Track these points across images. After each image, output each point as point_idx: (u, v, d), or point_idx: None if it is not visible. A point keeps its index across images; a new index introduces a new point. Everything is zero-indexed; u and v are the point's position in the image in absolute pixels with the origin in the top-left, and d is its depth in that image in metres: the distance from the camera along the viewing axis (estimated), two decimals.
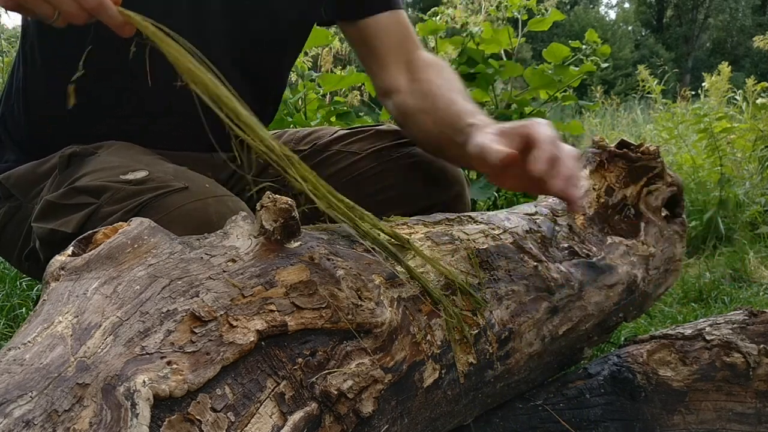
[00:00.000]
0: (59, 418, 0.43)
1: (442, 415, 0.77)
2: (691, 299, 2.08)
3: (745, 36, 24.55)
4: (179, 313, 0.53)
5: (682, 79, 18.41)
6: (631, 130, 6.42)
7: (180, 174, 0.90)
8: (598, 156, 1.22)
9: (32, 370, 0.45)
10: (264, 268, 0.61)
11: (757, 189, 3.11)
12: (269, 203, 0.62)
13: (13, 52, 3.15)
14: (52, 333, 0.49)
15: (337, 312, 0.63)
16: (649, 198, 1.22)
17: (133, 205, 0.83)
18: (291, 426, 0.55)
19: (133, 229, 0.60)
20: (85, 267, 0.56)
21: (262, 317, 0.57)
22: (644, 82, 4.78)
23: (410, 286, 0.75)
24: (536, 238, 0.99)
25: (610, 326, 1.10)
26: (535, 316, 0.91)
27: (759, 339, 1.04)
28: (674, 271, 1.26)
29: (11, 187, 1.00)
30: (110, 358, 0.48)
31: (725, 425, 1.01)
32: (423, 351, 0.72)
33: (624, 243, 1.13)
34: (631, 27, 31.22)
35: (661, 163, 1.22)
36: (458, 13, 2.88)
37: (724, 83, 4.67)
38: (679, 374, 1.02)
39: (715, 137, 3.06)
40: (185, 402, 0.49)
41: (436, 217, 0.92)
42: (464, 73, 2.38)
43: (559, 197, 0.81)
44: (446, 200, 1.12)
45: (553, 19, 2.51)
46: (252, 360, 0.55)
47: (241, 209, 0.79)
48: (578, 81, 2.48)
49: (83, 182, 0.89)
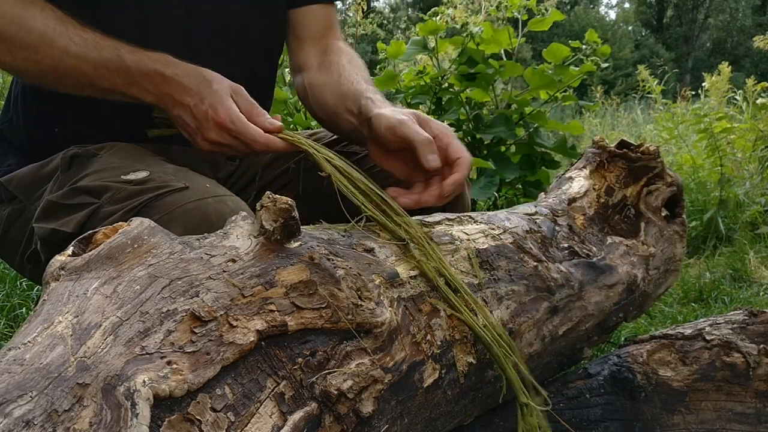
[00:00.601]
0: (59, 418, 0.43)
1: (442, 415, 0.77)
2: (691, 299, 2.08)
3: (745, 36, 24.55)
4: (179, 313, 0.53)
5: (682, 79, 18.42)
6: (631, 130, 6.43)
7: (181, 174, 0.90)
8: (598, 156, 1.22)
9: (32, 370, 0.45)
10: (264, 268, 0.61)
11: (757, 189, 3.11)
12: (269, 203, 0.63)
13: None
14: (52, 333, 0.49)
15: (337, 312, 0.63)
16: (649, 198, 1.22)
17: (134, 204, 0.83)
18: (291, 426, 0.55)
19: (133, 229, 0.60)
20: (85, 267, 0.56)
21: (262, 317, 0.57)
22: (644, 82, 4.78)
23: (410, 286, 0.75)
24: (536, 238, 0.99)
25: (610, 326, 1.10)
26: (535, 316, 0.91)
27: (759, 339, 1.04)
28: (674, 271, 1.26)
29: (14, 190, 1.01)
30: (110, 358, 0.48)
31: (725, 425, 1.01)
32: (423, 351, 0.72)
33: (624, 243, 1.13)
34: (631, 27, 31.22)
35: (661, 163, 1.22)
36: (458, 13, 2.89)
37: (724, 83, 4.67)
38: (679, 374, 1.02)
39: (715, 137, 3.06)
40: (185, 402, 0.49)
41: (435, 216, 0.92)
42: (464, 73, 2.39)
43: (435, 196, 0.87)
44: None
45: (553, 19, 2.51)
46: (252, 360, 0.55)
47: (241, 209, 0.80)
48: (578, 81, 2.48)
49: (84, 182, 0.89)
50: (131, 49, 0.90)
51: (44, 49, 0.89)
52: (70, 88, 0.94)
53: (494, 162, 2.29)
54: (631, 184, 1.21)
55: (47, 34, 0.89)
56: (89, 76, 0.91)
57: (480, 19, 2.84)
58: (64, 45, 0.89)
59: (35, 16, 0.89)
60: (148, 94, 0.92)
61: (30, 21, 0.89)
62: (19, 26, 0.89)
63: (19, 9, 0.89)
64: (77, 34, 0.90)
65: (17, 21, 0.89)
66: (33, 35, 0.89)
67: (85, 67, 0.89)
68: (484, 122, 2.47)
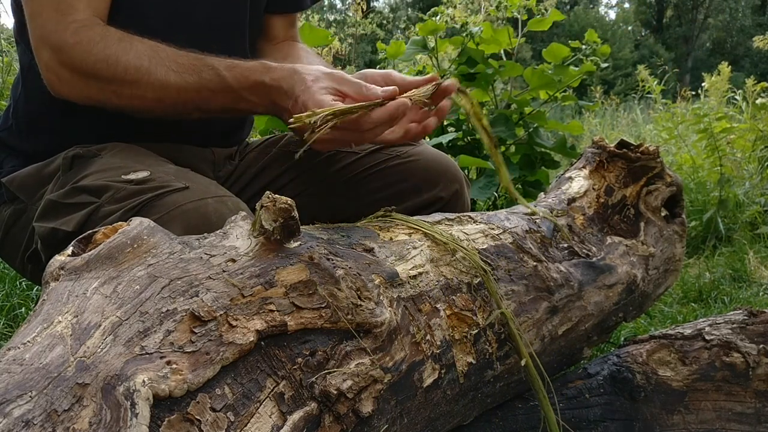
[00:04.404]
0: (59, 418, 0.43)
1: (441, 415, 0.77)
2: (690, 299, 2.08)
3: (745, 36, 24.55)
4: (179, 313, 0.53)
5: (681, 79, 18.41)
6: (631, 130, 6.43)
7: (181, 174, 0.90)
8: (598, 156, 1.22)
9: (32, 369, 0.45)
10: (263, 268, 0.61)
11: (756, 189, 3.11)
12: (269, 203, 0.63)
13: (13, 52, 3.14)
14: (51, 333, 0.49)
15: (337, 312, 0.63)
16: (648, 198, 1.22)
17: (134, 204, 0.83)
18: (290, 426, 0.55)
19: (133, 229, 0.60)
20: (85, 267, 0.56)
21: (261, 317, 0.57)
22: (644, 82, 4.78)
23: (410, 286, 0.75)
24: (536, 238, 0.99)
25: (609, 326, 1.10)
26: (534, 316, 0.91)
27: (758, 339, 1.04)
28: (674, 271, 1.26)
29: (16, 189, 1.01)
30: (110, 357, 0.48)
31: (725, 425, 1.01)
32: (422, 351, 0.72)
33: (624, 243, 1.13)
34: (630, 27, 31.20)
35: (660, 163, 1.22)
36: (458, 13, 2.88)
37: (723, 83, 4.67)
38: (678, 374, 1.02)
39: (715, 137, 3.06)
40: (185, 402, 0.49)
41: (435, 217, 0.92)
42: (464, 73, 2.39)
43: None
44: (446, 197, 1.13)
45: (552, 19, 2.51)
46: (251, 360, 0.55)
47: (241, 209, 0.80)
48: (578, 81, 2.47)
49: (85, 182, 0.89)
50: (229, 65, 0.90)
51: (144, 84, 0.88)
52: (180, 114, 0.94)
53: (494, 162, 2.28)
54: (630, 184, 1.21)
55: (143, 67, 0.88)
56: (195, 102, 0.91)
57: (480, 18, 2.84)
58: (163, 76, 0.88)
59: (128, 51, 0.88)
60: (257, 106, 0.92)
61: (123, 57, 0.88)
62: (115, 65, 0.88)
63: (112, 47, 0.88)
64: (173, 60, 0.89)
65: (111, 60, 0.88)
66: (129, 72, 0.88)
67: (189, 93, 0.89)
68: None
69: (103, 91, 0.91)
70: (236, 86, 0.89)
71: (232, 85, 0.89)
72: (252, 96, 0.90)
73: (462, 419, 0.84)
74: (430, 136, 2.48)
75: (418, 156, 1.14)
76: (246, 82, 0.89)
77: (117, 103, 0.92)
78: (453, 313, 0.78)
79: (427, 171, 1.13)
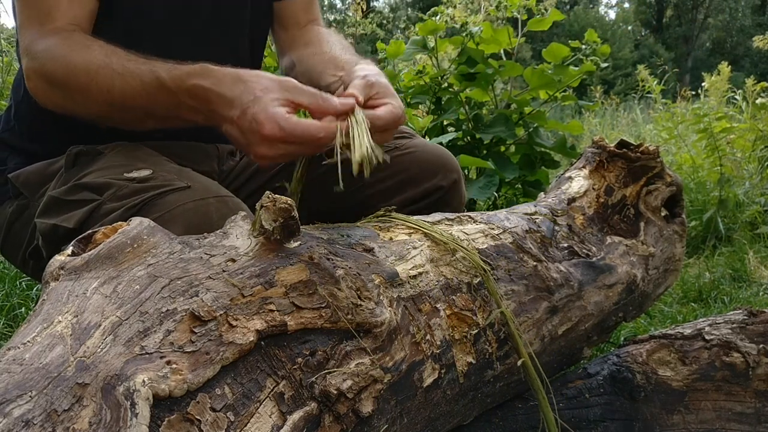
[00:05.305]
0: (59, 418, 0.43)
1: (441, 415, 0.77)
2: (690, 299, 2.08)
3: (745, 36, 24.55)
4: (179, 313, 0.53)
5: (681, 79, 18.41)
6: (631, 130, 6.43)
7: (183, 174, 0.90)
8: (598, 156, 1.22)
9: (32, 369, 0.45)
10: (263, 268, 0.61)
11: (756, 189, 3.11)
12: (269, 203, 0.63)
13: (12, 52, 3.14)
14: (51, 333, 0.49)
15: (337, 312, 0.63)
16: (648, 198, 1.22)
17: (135, 202, 0.83)
18: (290, 425, 0.55)
19: (133, 229, 0.60)
20: (85, 267, 0.56)
21: (261, 317, 0.57)
22: (644, 82, 4.78)
23: (409, 286, 0.75)
24: (536, 238, 0.99)
25: (609, 326, 1.10)
26: (534, 316, 0.91)
27: (758, 339, 1.04)
28: (674, 271, 1.26)
29: (20, 186, 1.01)
30: (110, 357, 0.48)
31: (725, 425, 1.01)
32: (422, 351, 0.72)
33: (624, 243, 1.13)
34: (630, 27, 31.21)
35: (660, 163, 1.22)
36: (458, 12, 2.88)
37: (723, 83, 4.67)
38: (678, 374, 1.02)
39: (715, 137, 3.05)
40: (185, 402, 0.49)
41: (435, 216, 0.92)
42: (464, 73, 2.39)
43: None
44: (446, 186, 1.13)
45: (552, 19, 2.51)
46: (251, 360, 0.55)
47: (241, 209, 0.80)
48: (578, 81, 2.47)
49: (87, 179, 0.90)
50: (170, 68, 0.83)
51: (93, 89, 0.84)
52: (136, 122, 0.89)
53: (494, 162, 2.29)
54: (630, 184, 1.21)
55: (91, 71, 0.84)
56: (143, 107, 0.85)
57: (479, 18, 2.84)
58: (108, 80, 0.83)
59: (83, 57, 0.84)
60: (197, 113, 0.83)
61: (78, 63, 0.84)
62: (73, 72, 0.85)
63: (72, 54, 0.85)
64: (121, 64, 0.84)
65: (71, 67, 0.85)
66: (80, 77, 0.84)
67: (134, 99, 0.84)
68: (483, 122, 2.47)
69: (66, 99, 0.88)
70: (174, 89, 0.82)
71: (171, 88, 0.82)
72: (191, 100, 0.82)
73: (462, 419, 0.84)
74: (430, 135, 2.49)
75: (415, 148, 1.15)
76: (183, 85, 0.81)
77: (80, 111, 0.89)
78: (453, 313, 0.78)
79: (426, 161, 1.14)
